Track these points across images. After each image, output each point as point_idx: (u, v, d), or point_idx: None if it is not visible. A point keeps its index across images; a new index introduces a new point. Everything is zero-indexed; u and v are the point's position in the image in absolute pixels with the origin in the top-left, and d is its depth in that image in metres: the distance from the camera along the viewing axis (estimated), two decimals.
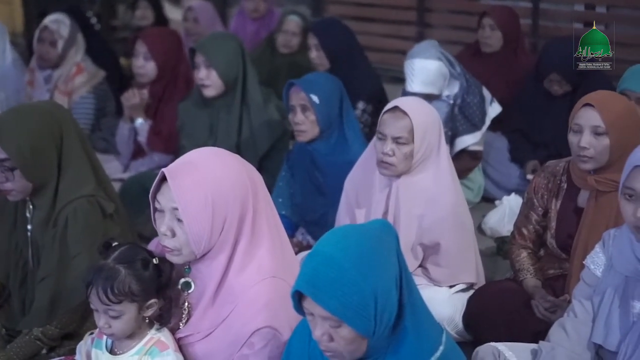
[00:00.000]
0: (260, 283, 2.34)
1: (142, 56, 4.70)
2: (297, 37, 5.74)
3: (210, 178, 2.31)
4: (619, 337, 2.45)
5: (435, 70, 4.59)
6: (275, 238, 2.43)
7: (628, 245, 2.44)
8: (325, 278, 1.94)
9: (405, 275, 2.02)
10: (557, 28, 6.68)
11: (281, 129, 4.36)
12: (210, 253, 2.34)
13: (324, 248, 1.99)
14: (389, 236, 2.03)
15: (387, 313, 1.97)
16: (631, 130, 3.00)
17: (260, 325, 2.30)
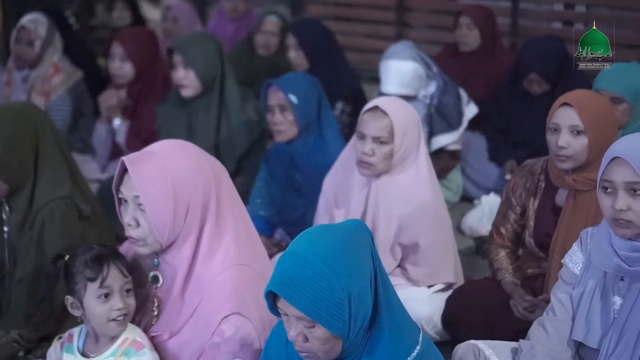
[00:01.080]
0: (226, 271, 2.36)
1: (118, 57, 4.68)
2: (275, 37, 5.72)
3: (170, 165, 2.34)
4: (600, 334, 2.46)
5: (411, 72, 4.59)
6: (241, 227, 2.45)
7: (606, 241, 2.44)
8: (298, 278, 1.94)
9: (381, 275, 2.02)
10: (537, 27, 6.71)
11: (259, 130, 4.35)
12: (175, 242, 2.36)
13: (297, 248, 1.99)
14: (363, 236, 2.03)
15: (361, 313, 1.97)
16: (608, 129, 3.02)
17: (228, 312, 2.32)
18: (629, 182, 2.33)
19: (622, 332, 2.41)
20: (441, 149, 4.76)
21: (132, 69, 4.68)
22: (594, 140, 2.95)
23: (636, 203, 2.33)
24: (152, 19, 7.18)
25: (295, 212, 3.83)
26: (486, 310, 3.10)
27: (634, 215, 2.33)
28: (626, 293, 2.42)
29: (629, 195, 2.34)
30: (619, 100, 3.74)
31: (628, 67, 3.87)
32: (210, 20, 6.70)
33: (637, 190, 2.32)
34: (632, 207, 2.33)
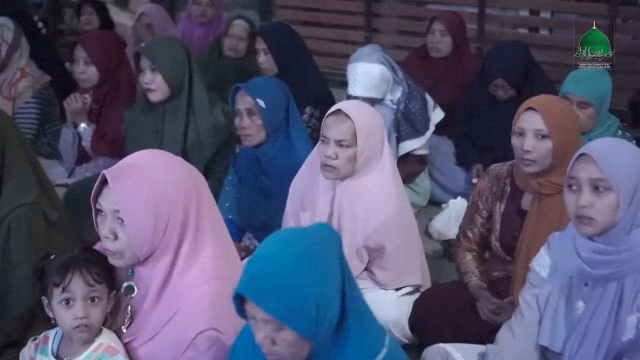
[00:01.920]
0: (203, 285, 2.33)
1: (82, 61, 4.65)
2: (243, 41, 5.72)
3: (152, 179, 2.29)
4: (564, 338, 2.48)
5: (378, 75, 4.61)
6: (219, 240, 2.42)
7: (571, 244, 2.46)
8: (266, 281, 1.93)
9: (348, 278, 2.02)
10: (503, 33, 6.77)
11: (227, 133, 4.33)
12: (153, 256, 2.33)
13: (266, 251, 1.98)
14: (331, 240, 2.03)
15: (329, 316, 1.96)
16: (572, 134, 3.05)
17: (204, 327, 2.29)
18: (593, 178, 2.36)
19: (584, 336, 2.44)
20: (408, 154, 4.78)
21: (96, 73, 4.64)
22: (558, 144, 2.99)
23: (599, 200, 2.35)
24: (121, 23, 7.14)
25: (264, 216, 3.82)
26: (453, 313, 3.11)
27: (596, 212, 2.36)
28: (588, 298, 2.45)
29: (592, 192, 2.37)
30: (586, 105, 3.79)
31: (594, 72, 3.93)
32: (179, 25, 6.68)
33: (600, 187, 2.35)
34: (594, 204, 2.36)
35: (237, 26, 5.74)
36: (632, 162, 2.37)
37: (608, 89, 3.87)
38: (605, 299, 2.41)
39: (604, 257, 2.40)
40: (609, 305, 2.40)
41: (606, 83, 3.86)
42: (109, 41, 4.85)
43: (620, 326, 2.40)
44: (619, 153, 2.37)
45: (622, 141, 2.52)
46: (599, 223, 2.37)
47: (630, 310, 2.39)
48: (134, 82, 4.74)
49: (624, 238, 2.38)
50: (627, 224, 2.37)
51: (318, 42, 7.19)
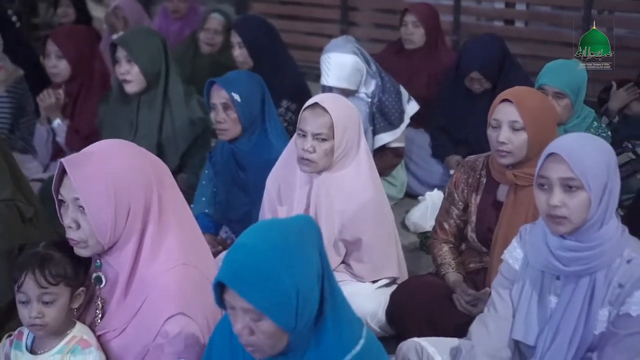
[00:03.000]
0: (170, 271, 2.33)
1: (53, 55, 4.62)
2: (219, 35, 5.70)
3: (110, 166, 2.30)
4: (537, 332, 2.49)
5: (351, 65, 4.62)
6: (185, 226, 2.43)
7: (542, 239, 2.47)
8: (248, 270, 1.93)
9: (327, 270, 2.02)
10: (478, 25, 6.79)
11: (203, 126, 4.33)
12: (117, 244, 2.33)
13: (248, 240, 1.98)
14: (311, 231, 2.03)
15: (308, 307, 1.97)
16: (548, 125, 3.06)
17: (172, 312, 2.29)
18: (563, 177, 2.36)
19: (557, 330, 2.45)
20: (384, 147, 4.79)
21: (67, 67, 4.62)
22: (534, 136, 3.00)
23: (571, 199, 2.36)
24: (98, 17, 7.11)
25: (240, 210, 3.82)
26: (430, 305, 3.13)
27: (568, 211, 2.36)
28: (561, 292, 2.46)
29: (563, 191, 2.37)
30: (562, 96, 3.81)
31: (570, 63, 3.94)
32: (155, 19, 6.66)
33: (571, 186, 2.35)
34: (566, 203, 2.36)
35: (213, 20, 5.72)
36: (602, 160, 2.38)
37: (583, 80, 3.89)
38: (578, 293, 2.42)
39: (575, 253, 2.41)
40: (581, 299, 2.42)
41: (581, 74, 3.88)
42: (81, 35, 4.83)
43: (592, 320, 2.41)
44: (588, 151, 2.37)
45: (591, 137, 2.52)
46: (571, 222, 2.37)
47: (602, 304, 2.41)
48: (107, 76, 4.73)
49: (595, 234, 2.39)
50: (598, 221, 2.38)
51: (294, 35, 7.18)
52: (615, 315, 2.39)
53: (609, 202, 2.38)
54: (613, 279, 2.39)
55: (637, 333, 2.37)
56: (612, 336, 2.39)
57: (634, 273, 2.37)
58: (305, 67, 6.23)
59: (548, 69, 3.90)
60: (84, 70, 4.69)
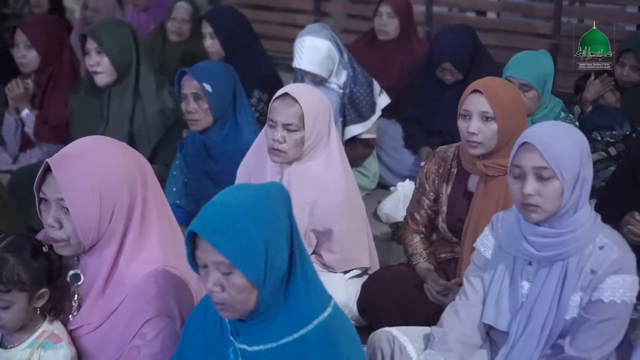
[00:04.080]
0: (151, 272, 2.31)
1: (22, 45, 4.59)
2: (187, 24, 5.68)
3: (97, 167, 2.26)
4: (509, 318, 2.51)
5: (325, 51, 4.62)
6: (166, 227, 2.41)
7: (515, 225, 2.49)
8: (219, 222, 1.98)
9: (296, 235, 2.07)
10: (451, 16, 6.79)
11: (175, 117, 4.31)
12: (99, 244, 2.30)
13: (221, 198, 2.05)
14: (282, 195, 2.09)
15: (277, 263, 2.01)
16: (517, 116, 3.07)
17: (151, 315, 2.28)
18: (537, 167, 2.38)
19: (529, 316, 2.47)
20: (355, 138, 4.80)
21: (36, 57, 4.59)
22: (504, 126, 3.01)
23: (544, 188, 2.37)
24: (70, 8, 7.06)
25: None
26: (401, 295, 3.13)
27: (541, 200, 2.38)
28: (534, 278, 2.48)
29: (537, 180, 2.38)
30: (528, 88, 3.83)
31: (536, 55, 3.96)
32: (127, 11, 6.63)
33: (544, 175, 2.37)
34: (540, 192, 2.38)
35: (180, 9, 5.70)
36: (575, 148, 2.39)
37: (549, 71, 3.91)
38: (550, 279, 2.44)
39: (548, 239, 2.43)
40: (554, 285, 2.44)
41: (547, 65, 3.90)
42: (50, 25, 4.79)
43: (564, 305, 2.43)
44: (561, 140, 2.39)
45: (564, 126, 2.53)
46: (545, 210, 2.39)
47: (574, 290, 2.43)
48: (77, 66, 4.70)
49: (568, 221, 2.41)
50: (571, 208, 2.40)
51: (267, 25, 7.16)
52: (588, 301, 2.41)
53: (581, 190, 2.40)
54: (585, 265, 2.41)
55: (609, 319, 2.39)
56: (583, 322, 2.41)
57: (606, 259, 2.39)
58: (278, 57, 6.21)
59: (514, 61, 3.92)
60: (53, 61, 4.65)
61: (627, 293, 2.40)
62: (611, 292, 2.39)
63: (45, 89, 4.65)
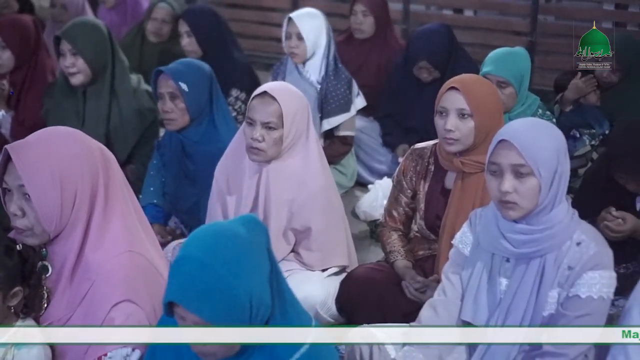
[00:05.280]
0: (116, 257, 2.31)
1: None
2: (167, 24, 5.65)
3: (55, 152, 2.27)
4: (487, 314, 2.51)
5: (319, 22, 4.76)
6: (131, 213, 2.41)
7: (493, 223, 2.49)
8: (197, 285, 1.89)
9: (275, 268, 2.01)
10: (428, 14, 6.81)
11: (152, 117, 4.29)
12: (64, 232, 2.30)
13: (193, 252, 1.93)
14: (258, 232, 2.01)
15: (261, 312, 1.96)
16: (494, 113, 3.08)
17: (118, 299, 2.27)
18: (514, 164, 2.38)
19: (507, 313, 2.47)
20: (332, 135, 4.80)
21: (11, 57, 4.56)
22: (480, 123, 3.01)
23: (521, 185, 2.38)
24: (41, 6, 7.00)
25: (189, 200, 3.79)
26: (379, 293, 3.13)
27: (519, 197, 2.38)
28: (511, 274, 2.48)
29: (514, 177, 2.39)
30: (505, 85, 3.84)
31: (513, 52, 3.97)
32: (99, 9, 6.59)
33: (522, 172, 2.37)
34: (517, 189, 2.38)
35: (161, 9, 5.67)
36: (552, 145, 2.40)
37: (526, 68, 3.92)
38: (528, 275, 2.44)
39: (526, 236, 2.43)
40: (532, 281, 2.44)
41: (524, 62, 3.92)
42: (24, 25, 4.76)
43: (542, 302, 2.43)
44: (538, 137, 2.39)
45: (541, 123, 2.53)
46: (522, 207, 2.39)
47: (551, 286, 2.43)
48: (52, 66, 4.66)
49: (545, 217, 2.42)
50: (548, 205, 2.41)
51: (244, 24, 7.16)
52: (565, 297, 2.42)
53: (559, 186, 2.40)
54: (563, 261, 2.42)
55: (586, 315, 2.40)
56: (561, 318, 2.42)
57: (583, 255, 2.40)
58: (256, 56, 6.22)
59: (491, 58, 3.93)
60: (28, 61, 4.63)
61: (604, 289, 2.40)
62: (588, 288, 2.39)
63: (21, 89, 4.62)
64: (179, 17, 5.30)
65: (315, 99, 4.64)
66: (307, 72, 4.77)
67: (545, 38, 6.24)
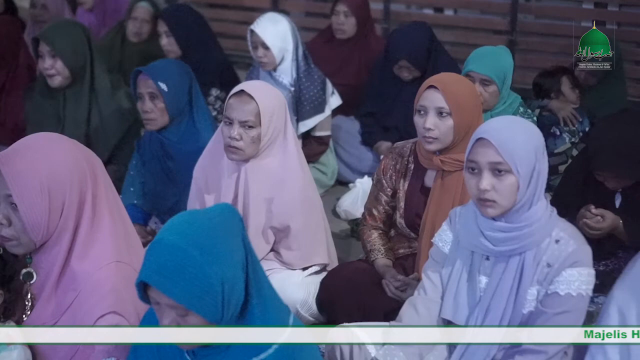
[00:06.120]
0: (103, 268, 2.29)
1: None
2: (147, 24, 5.64)
3: (44, 162, 2.24)
4: (467, 312, 2.52)
5: (283, 28, 4.67)
6: (118, 223, 2.39)
7: (473, 221, 2.50)
8: (170, 266, 1.90)
9: (251, 258, 2.01)
10: (409, 14, 6.81)
11: (133, 117, 4.28)
12: (50, 240, 2.28)
13: (167, 236, 1.94)
14: (233, 220, 2.01)
15: (234, 298, 1.95)
16: (473, 111, 3.08)
17: (104, 311, 2.25)
18: (492, 162, 2.38)
19: (487, 310, 2.48)
20: (309, 135, 4.80)
21: None
22: (460, 122, 3.02)
23: (500, 183, 2.38)
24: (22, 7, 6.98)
25: (169, 200, 3.79)
26: (359, 291, 3.13)
27: (497, 195, 2.39)
28: (491, 272, 2.48)
29: (493, 176, 2.39)
30: (488, 83, 3.85)
31: (496, 50, 3.98)
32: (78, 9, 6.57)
33: (500, 170, 2.38)
34: (495, 187, 2.38)
35: (140, 9, 5.66)
36: (529, 143, 2.40)
37: (509, 66, 3.93)
38: (508, 273, 2.45)
39: (505, 234, 2.43)
40: (511, 279, 2.44)
41: (507, 61, 3.93)
42: (5, 26, 4.75)
43: (521, 299, 2.44)
44: (516, 135, 2.40)
45: (519, 120, 2.55)
46: (501, 205, 2.40)
47: (531, 283, 2.44)
48: (32, 67, 4.65)
49: (524, 215, 2.42)
50: (526, 203, 2.41)
51: (224, 24, 7.15)
52: (544, 295, 2.43)
53: (537, 184, 2.41)
54: (542, 259, 2.43)
55: (565, 312, 2.41)
56: (540, 315, 2.43)
57: (562, 253, 2.41)
58: (236, 55, 6.20)
59: (474, 55, 3.93)
60: (9, 62, 4.61)
61: (583, 286, 2.41)
62: (567, 285, 2.40)
63: (1, 91, 4.60)
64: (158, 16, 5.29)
65: (289, 101, 4.63)
66: (279, 76, 4.75)
67: (525, 37, 6.25)
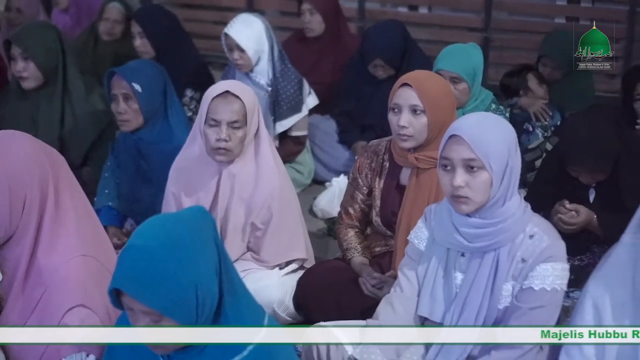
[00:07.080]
0: (69, 262, 2.30)
1: None
2: (119, 24, 5.61)
3: (3, 158, 2.26)
4: (443, 309, 2.53)
5: (257, 29, 4.63)
6: (83, 218, 2.40)
7: (447, 218, 2.51)
8: (143, 273, 1.88)
9: (224, 261, 2.00)
10: (383, 12, 6.82)
11: (107, 119, 4.26)
12: (14, 236, 2.29)
13: (139, 241, 1.92)
14: (205, 223, 2.00)
15: (208, 302, 1.95)
16: (447, 108, 3.09)
17: (72, 304, 2.27)
18: (465, 158, 2.39)
19: (463, 306, 2.49)
20: (285, 135, 4.79)
21: None
22: (434, 119, 3.03)
23: (473, 179, 2.39)
24: None
25: (145, 201, 3.77)
26: (336, 290, 3.14)
27: (471, 191, 2.40)
28: (466, 269, 2.50)
29: (466, 172, 2.40)
30: (458, 80, 3.86)
31: (466, 48, 3.99)
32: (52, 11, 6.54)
33: (473, 167, 2.39)
34: (469, 184, 2.39)
35: (112, 9, 5.63)
36: (502, 139, 2.42)
37: (479, 63, 3.94)
38: (483, 269, 2.46)
39: (479, 230, 2.45)
40: (486, 275, 2.46)
41: (477, 58, 3.94)
42: None
43: (497, 295, 2.45)
44: (489, 131, 2.41)
45: (491, 117, 2.55)
46: (474, 202, 2.41)
47: (506, 279, 2.45)
48: (5, 69, 4.61)
49: (498, 211, 2.43)
50: (500, 199, 2.43)
51: (198, 24, 7.13)
52: (519, 290, 2.44)
53: (510, 180, 2.42)
54: (516, 254, 2.44)
55: (540, 307, 2.42)
56: (515, 310, 2.44)
57: (536, 248, 2.42)
58: (210, 56, 6.19)
59: (444, 54, 3.94)
60: None
61: (557, 281, 2.42)
62: (541, 280, 2.42)
63: None
64: (130, 17, 5.26)
65: (266, 101, 4.63)
66: (256, 76, 4.74)
67: (499, 34, 6.28)
